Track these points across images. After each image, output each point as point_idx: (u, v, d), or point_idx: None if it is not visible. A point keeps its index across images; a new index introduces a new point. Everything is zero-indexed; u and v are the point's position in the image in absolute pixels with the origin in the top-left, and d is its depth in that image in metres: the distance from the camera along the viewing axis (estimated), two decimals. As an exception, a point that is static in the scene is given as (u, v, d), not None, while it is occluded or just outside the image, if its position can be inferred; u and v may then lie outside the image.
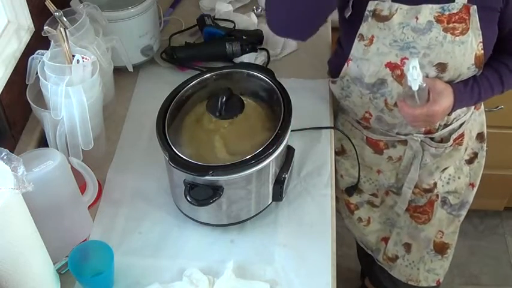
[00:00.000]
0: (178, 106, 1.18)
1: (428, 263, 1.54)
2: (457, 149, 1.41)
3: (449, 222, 1.51)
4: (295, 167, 1.28)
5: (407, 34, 1.17)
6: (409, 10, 1.15)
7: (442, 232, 1.51)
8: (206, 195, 1.09)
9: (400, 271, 1.59)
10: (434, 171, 1.42)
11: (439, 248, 1.53)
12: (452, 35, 1.15)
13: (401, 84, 1.22)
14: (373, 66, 1.22)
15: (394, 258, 1.58)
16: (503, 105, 1.87)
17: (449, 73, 1.20)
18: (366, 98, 1.30)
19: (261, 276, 1.11)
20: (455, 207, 1.50)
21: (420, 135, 1.35)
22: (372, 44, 1.19)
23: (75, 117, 1.14)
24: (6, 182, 0.88)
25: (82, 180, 1.15)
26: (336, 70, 1.34)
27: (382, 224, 1.59)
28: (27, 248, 0.95)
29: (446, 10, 1.14)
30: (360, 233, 1.62)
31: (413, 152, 1.38)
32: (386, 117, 1.32)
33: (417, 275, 1.56)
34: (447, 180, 1.46)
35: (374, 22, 1.18)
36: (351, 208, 1.57)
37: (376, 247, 1.62)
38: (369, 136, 1.41)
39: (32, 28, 1.32)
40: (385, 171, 1.46)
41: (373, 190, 1.53)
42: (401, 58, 1.19)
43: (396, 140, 1.38)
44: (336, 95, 1.39)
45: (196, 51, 1.59)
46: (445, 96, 1.19)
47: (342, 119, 1.46)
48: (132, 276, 1.11)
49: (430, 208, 1.48)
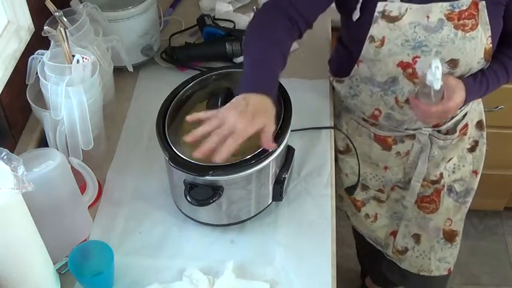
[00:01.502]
0: (178, 106, 1.18)
1: (439, 251, 1.54)
2: (462, 139, 1.43)
3: (457, 210, 1.52)
4: (295, 167, 1.28)
5: (419, 33, 1.17)
6: (419, 9, 1.16)
7: (450, 220, 1.52)
8: (206, 195, 1.09)
9: (410, 263, 1.58)
10: (440, 163, 1.44)
11: (448, 236, 1.53)
12: (463, 32, 1.17)
13: (413, 83, 1.22)
14: (384, 67, 1.23)
15: (404, 250, 1.58)
16: (503, 105, 1.87)
17: (460, 68, 1.21)
18: (377, 96, 1.30)
19: (261, 276, 1.11)
20: (461, 195, 1.51)
21: (428, 129, 1.36)
22: (383, 45, 1.19)
23: (75, 117, 1.14)
24: (6, 182, 0.88)
25: (82, 180, 1.15)
26: (341, 70, 1.34)
27: (389, 218, 1.59)
28: (27, 248, 0.95)
29: (456, 7, 1.15)
30: (368, 229, 1.61)
31: (421, 146, 1.39)
32: (396, 114, 1.32)
33: (429, 265, 1.55)
34: (452, 170, 1.47)
35: (384, 23, 1.18)
36: (357, 205, 1.57)
37: (385, 242, 1.61)
38: (377, 133, 1.41)
39: (32, 28, 1.32)
40: (393, 167, 1.47)
41: (379, 186, 1.53)
42: (413, 57, 1.20)
43: (404, 135, 1.39)
44: (342, 94, 1.39)
45: (196, 51, 1.59)
46: (457, 92, 1.21)
47: (347, 118, 1.45)
48: (132, 276, 1.11)
49: (437, 197, 1.48)
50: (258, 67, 1.09)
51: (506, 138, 2.03)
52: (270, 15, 1.18)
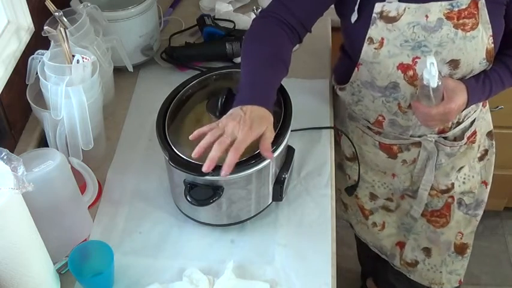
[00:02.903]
0: (178, 106, 1.18)
1: (450, 264, 1.54)
2: (471, 147, 1.41)
3: (467, 223, 1.50)
4: (295, 167, 1.28)
5: (418, 33, 1.16)
6: (417, 9, 1.15)
7: (461, 233, 1.50)
8: (206, 195, 1.09)
9: (421, 275, 1.57)
10: (450, 172, 1.42)
11: (459, 249, 1.52)
12: (463, 31, 1.15)
13: (414, 86, 1.21)
14: (384, 69, 1.21)
15: (414, 263, 1.57)
16: (504, 105, 1.87)
17: (461, 69, 1.20)
18: (379, 101, 1.29)
19: (261, 276, 1.11)
20: (471, 207, 1.49)
21: (434, 135, 1.34)
22: (382, 46, 1.19)
23: (75, 117, 1.14)
24: (6, 182, 0.88)
25: (82, 180, 1.15)
26: (344, 77, 1.33)
27: (396, 228, 1.57)
28: (27, 248, 0.95)
29: (455, 6, 1.14)
30: (374, 238, 1.60)
31: (427, 153, 1.37)
32: (400, 120, 1.31)
33: (440, 278, 1.55)
34: (463, 180, 1.45)
35: (382, 24, 1.17)
36: (365, 213, 1.55)
37: (391, 252, 1.60)
38: (382, 141, 1.39)
39: (32, 28, 1.32)
40: (400, 175, 1.45)
41: (388, 194, 1.51)
42: (413, 58, 1.18)
43: (410, 143, 1.37)
44: (346, 101, 1.38)
45: (196, 51, 1.59)
46: (458, 93, 1.19)
47: (352, 126, 1.44)
48: (132, 276, 1.11)
49: (447, 211, 1.46)
50: (254, 79, 1.10)
51: (506, 138, 2.03)
52: (268, 24, 1.18)
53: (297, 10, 1.18)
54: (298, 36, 1.20)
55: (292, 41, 1.19)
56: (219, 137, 1.00)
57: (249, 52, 1.15)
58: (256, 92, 1.08)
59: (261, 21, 1.21)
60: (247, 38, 1.18)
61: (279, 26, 1.18)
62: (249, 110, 1.03)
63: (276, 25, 1.18)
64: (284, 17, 1.18)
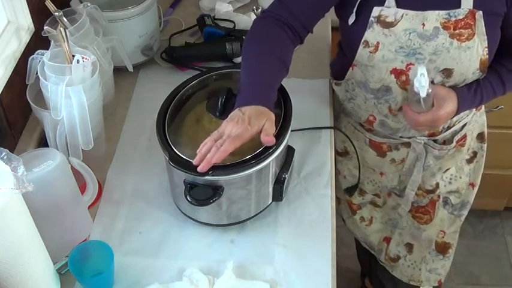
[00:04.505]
0: (178, 106, 1.18)
1: (430, 263, 1.54)
2: (460, 150, 1.41)
3: (451, 222, 1.51)
4: (295, 167, 1.28)
5: (414, 40, 1.16)
6: (415, 16, 1.15)
7: (443, 232, 1.51)
8: (206, 195, 1.08)
9: (401, 271, 1.59)
10: (436, 172, 1.43)
11: (440, 248, 1.53)
12: (458, 41, 1.15)
13: (406, 90, 1.22)
14: (378, 73, 1.22)
15: (396, 258, 1.58)
16: (503, 105, 1.87)
17: (454, 78, 1.20)
18: (371, 102, 1.30)
19: (261, 276, 1.11)
20: (457, 207, 1.50)
21: (423, 137, 1.35)
22: (377, 51, 1.19)
23: (75, 117, 1.14)
24: (6, 182, 0.88)
25: (82, 180, 1.15)
26: (340, 73, 1.34)
27: (384, 224, 1.59)
28: (27, 248, 0.95)
29: (452, 16, 1.14)
30: (362, 233, 1.62)
31: (416, 154, 1.38)
32: (390, 122, 1.32)
33: (419, 276, 1.56)
34: (449, 180, 1.46)
35: (379, 28, 1.17)
36: (353, 208, 1.57)
37: (378, 247, 1.62)
38: (372, 139, 1.40)
39: (32, 28, 1.32)
40: (388, 174, 1.46)
41: (375, 191, 1.53)
42: (407, 64, 1.19)
43: (399, 143, 1.38)
44: (340, 96, 1.39)
45: (196, 51, 1.59)
46: (448, 101, 1.20)
47: (345, 121, 1.45)
48: (132, 276, 1.11)
49: (432, 208, 1.48)
50: (254, 80, 1.10)
51: (506, 138, 2.03)
52: (269, 24, 1.19)
53: (298, 11, 1.18)
54: (299, 37, 1.21)
55: (293, 42, 1.20)
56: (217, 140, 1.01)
57: (250, 53, 1.15)
58: (256, 92, 1.08)
59: (262, 21, 1.21)
60: (248, 38, 1.18)
61: (280, 26, 1.18)
62: (248, 109, 1.03)
63: (277, 26, 1.18)
64: (285, 18, 1.18)
